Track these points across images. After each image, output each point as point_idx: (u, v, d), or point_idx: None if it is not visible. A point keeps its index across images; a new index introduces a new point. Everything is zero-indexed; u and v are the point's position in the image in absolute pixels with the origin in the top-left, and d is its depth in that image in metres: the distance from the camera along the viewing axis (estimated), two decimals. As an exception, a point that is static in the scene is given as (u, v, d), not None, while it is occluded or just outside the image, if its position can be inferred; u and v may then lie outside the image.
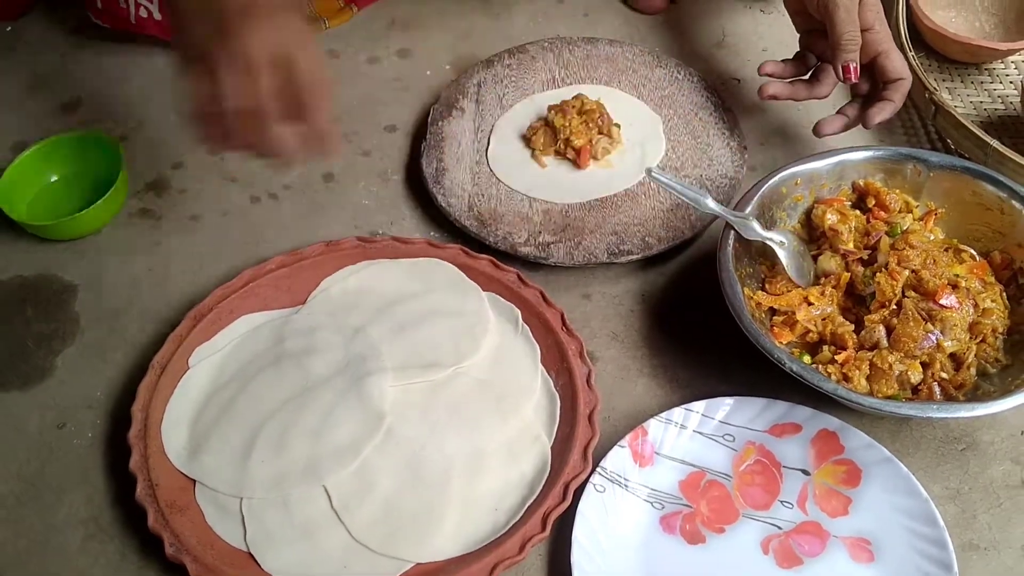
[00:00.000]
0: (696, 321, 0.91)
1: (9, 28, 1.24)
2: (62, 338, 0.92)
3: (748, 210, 0.88)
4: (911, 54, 1.04)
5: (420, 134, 1.08)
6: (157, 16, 1.14)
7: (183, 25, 0.79)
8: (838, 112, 0.99)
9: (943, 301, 0.82)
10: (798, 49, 1.02)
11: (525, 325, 0.88)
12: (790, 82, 1.00)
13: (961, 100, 1.08)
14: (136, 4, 1.14)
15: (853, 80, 0.94)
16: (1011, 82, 1.09)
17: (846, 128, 0.98)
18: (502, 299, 0.90)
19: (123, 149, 1.00)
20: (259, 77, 0.73)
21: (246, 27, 0.73)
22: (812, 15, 0.95)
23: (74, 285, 0.96)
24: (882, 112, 0.95)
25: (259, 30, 0.74)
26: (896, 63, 0.94)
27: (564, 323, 0.87)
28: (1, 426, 0.86)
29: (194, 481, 0.79)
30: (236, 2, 0.74)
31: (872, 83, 0.97)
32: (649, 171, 0.87)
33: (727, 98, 1.09)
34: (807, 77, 1.00)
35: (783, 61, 1.01)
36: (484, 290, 0.91)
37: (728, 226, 0.86)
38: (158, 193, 1.03)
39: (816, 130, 0.99)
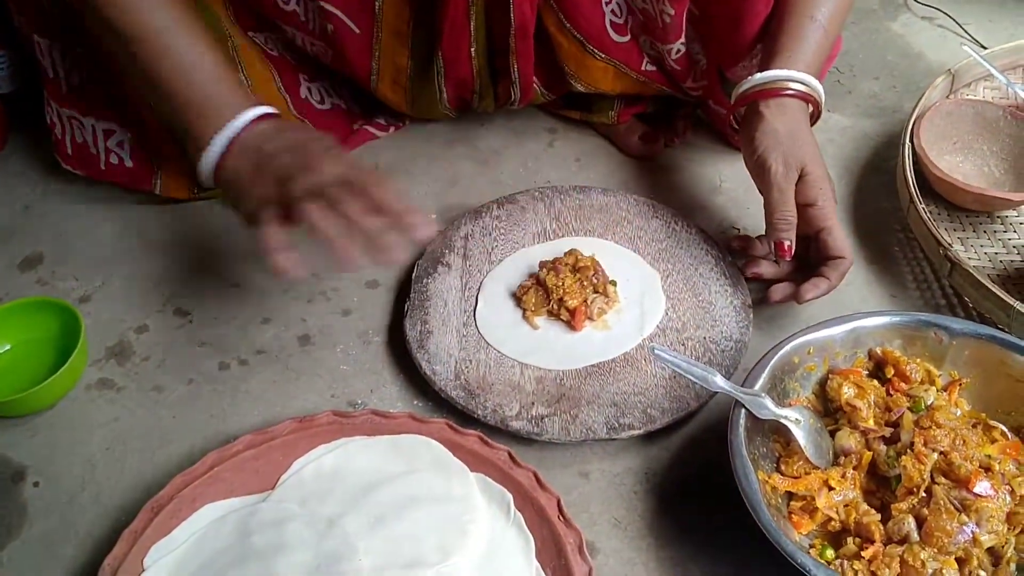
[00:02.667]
0: (706, 504, 0.83)
1: (-27, 174, 1.18)
2: (7, 529, 0.83)
3: (759, 385, 0.81)
4: (921, 206, 0.99)
5: (404, 291, 1.01)
6: (128, 163, 1.09)
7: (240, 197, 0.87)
8: (787, 279, 0.98)
9: (977, 489, 0.75)
10: None
11: (518, 512, 0.80)
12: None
13: (975, 251, 1.03)
14: (107, 150, 1.09)
15: (787, 257, 0.94)
16: (1027, 231, 1.05)
17: (792, 297, 0.96)
18: (492, 481, 0.82)
19: (82, 318, 0.92)
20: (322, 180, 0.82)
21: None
22: None
23: (24, 468, 0.88)
24: (815, 289, 0.93)
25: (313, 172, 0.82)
26: (837, 241, 0.93)
27: (561, 511, 0.79)
28: (-67, 635, 0.77)
29: None
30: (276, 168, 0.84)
31: (818, 255, 0.95)
32: (653, 350, 0.81)
33: (727, 250, 1.03)
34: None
35: (759, 238, 1.01)
36: (472, 471, 0.83)
37: (738, 404, 0.79)
38: (119, 361, 0.96)
39: (767, 297, 0.97)
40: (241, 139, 0.87)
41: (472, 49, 1.05)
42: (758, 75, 0.95)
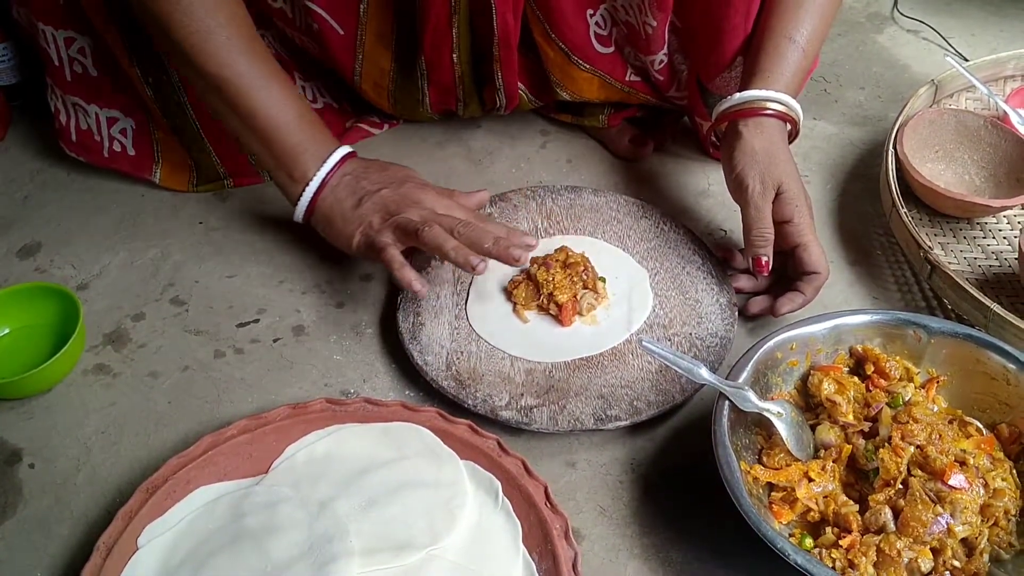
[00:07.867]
0: (689, 494, 0.85)
1: (-27, 165, 1.20)
2: (3, 509, 0.85)
3: (742, 378, 0.83)
4: (903, 211, 1.01)
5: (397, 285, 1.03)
6: (131, 151, 1.11)
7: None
8: (765, 292, 1.00)
9: (952, 481, 0.77)
10: None
11: (505, 499, 0.82)
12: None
13: (955, 256, 1.05)
14: (110, 138, 1.11)
15: (764, 272, 0.97)
16: (1004, 238, 1.07)
17: (768, 310, 0.99)
18: (481, 468, 0.84)
19: (81, 303, 0.94)
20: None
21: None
22: None
23: (19, 449, 0.89)
24: (791, 303, 0.96)
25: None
26: (812, 257, 0.95)
27: (548, 498, 0.81)
28: (-73, 611, 0.78)
29: None
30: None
31: (794, 270, 0.98)
32: (641, 342, 0.83)
33: (714, 250, 1.05)
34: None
35: (739, 251, 1.04)
36: (462, 458, 0.85)
37: (722, 396, 0.81)
38: (116, 347, 0.97)
39: (745, 309, 1.00)
40: (332, 178, 0.97)
41: (455, 56, 1.08)
42: (737, 95, 0.97)
